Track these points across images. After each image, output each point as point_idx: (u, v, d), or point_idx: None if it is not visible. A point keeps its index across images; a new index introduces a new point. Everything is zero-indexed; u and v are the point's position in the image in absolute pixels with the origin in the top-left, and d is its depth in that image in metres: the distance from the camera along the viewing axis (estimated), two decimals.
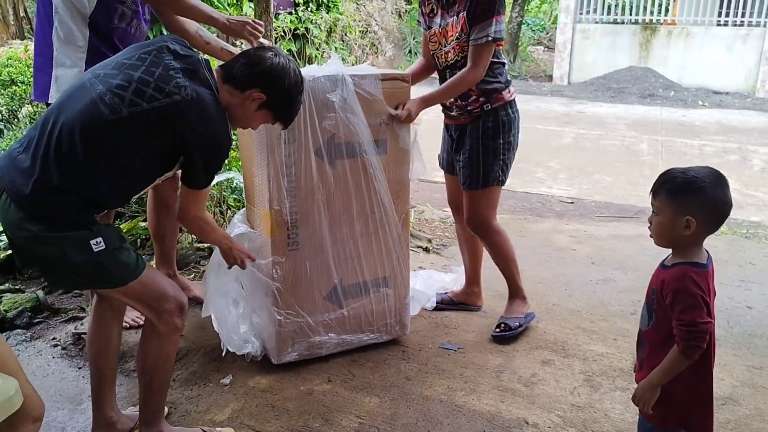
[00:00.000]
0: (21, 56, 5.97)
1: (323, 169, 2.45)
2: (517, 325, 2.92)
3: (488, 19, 2.58)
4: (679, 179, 1.62)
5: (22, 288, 3.27)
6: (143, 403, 2.08)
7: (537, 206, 5.17)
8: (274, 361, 2.59)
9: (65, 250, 1.77)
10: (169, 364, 2.07)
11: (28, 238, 1.77)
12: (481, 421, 2.32)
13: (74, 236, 1.78)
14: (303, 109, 2.30)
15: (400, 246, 2.69)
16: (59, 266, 1.82)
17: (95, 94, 1.77)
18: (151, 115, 1.77)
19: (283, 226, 2.43)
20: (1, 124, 5.65)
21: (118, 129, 1.76)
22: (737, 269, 3.80)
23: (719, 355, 2.75)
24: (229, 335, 2.59)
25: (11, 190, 1.76)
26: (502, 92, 2.76)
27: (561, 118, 9.03)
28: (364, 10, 11.88)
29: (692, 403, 1.69)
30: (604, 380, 2.58)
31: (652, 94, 10.98)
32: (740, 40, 11.32)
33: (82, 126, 1.75)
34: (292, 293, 2.52)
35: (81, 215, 1.81)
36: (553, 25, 15.69)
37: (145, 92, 1.77)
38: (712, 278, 1.64)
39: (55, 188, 1.74)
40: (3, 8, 14.59)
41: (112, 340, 2.11)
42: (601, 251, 4.08)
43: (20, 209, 1.75)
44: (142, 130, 1.79)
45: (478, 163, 2.80)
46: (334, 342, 2.66)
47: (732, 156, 6.87)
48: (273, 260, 2.45)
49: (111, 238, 1.83)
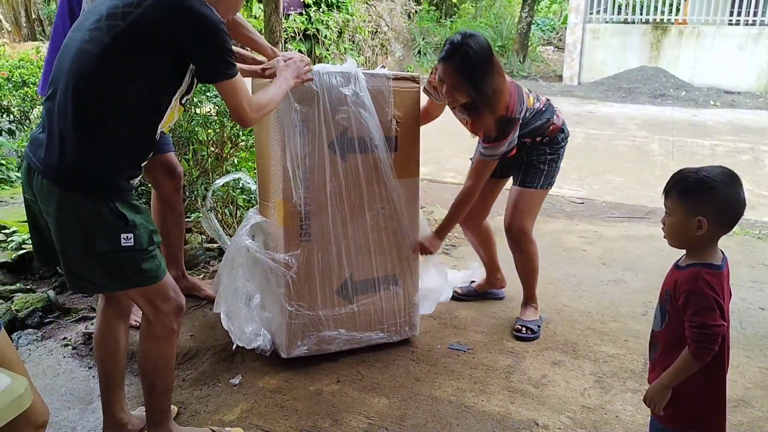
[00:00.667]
0: (33, 58, 6.02)
1: (336, 162, 2.48)
2: (537, 327, 2.95)
3: (497, 141, 2.61)
4: (691, 179, 1.61)
5: (33, 288, 3.29)
6: (148, 406, 2.08)
7: (547, 206, 5.14)
8: (283, 355, 2.59)
9: (95, 235, 1.76)
10: (170, 365, 2.05)
11: (63, 216, 1.76)
12: (490, 422, 2.30)
13: (108, 220, 1.76)
14: (317, 102, 2.38)
15: (410, 244, 2.71)
16: (83, 251, 1.79)
17: (78, 43, 1.76)
18: (133, 28, 1.72)
19: (296, 216, 2.46)
20: (13, 125, 5.70)
21: (109, 60, 1.72)
22: (750, 270, 3.76)
23: (732, 357, 2.73)
24: (241, 329, 2.60)
25: (43, 169, 1.75)
26: (552, 120, 2.81)
27: (571, 119, 8.95)
28: (374, 11, 11.89)
29: (704, 405, 1.67)
30: (615, 381, 2.56)
31: (663, 94, 10.92)
32: (752, 40, 11.23)
33: (79, 74, 1.73)
34: (303, 285, 2.54)
35: (115, 179, 1.79)
36: (563, 25, 15.62)
37: (117, 13, 1.73)
38: (726, 279, 1.63)
39: (81, 152, 1.73)
40: (15, 10, 14.71)
41: (120, 343, 2.10)
42: (612, 252, 4.06)
43: (54, 183, 1.74)
44: (132, 50, 1.73)
45: (540, 166, 2.86)
46: (344, 338, 2.66)
47: (744, 156, 6.82)
48: (286, 251, 2.47)
49: (141, 239, 1.81)
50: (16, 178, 5.10)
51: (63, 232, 1.79)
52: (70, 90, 1.73)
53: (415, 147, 2.66)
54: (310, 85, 2.36)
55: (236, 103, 1.90)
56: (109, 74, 1.74)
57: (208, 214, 2.89)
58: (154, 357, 2.00)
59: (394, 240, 2.67)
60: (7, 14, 14.53)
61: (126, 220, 1.78)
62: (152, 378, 2.02)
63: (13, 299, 3.08)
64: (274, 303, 2.58)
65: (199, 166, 3.67)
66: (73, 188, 1.74)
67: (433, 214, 4.66)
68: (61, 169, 1.73)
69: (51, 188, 1.75)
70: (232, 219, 3.66)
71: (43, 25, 15.49)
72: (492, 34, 14.23)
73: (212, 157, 3.68)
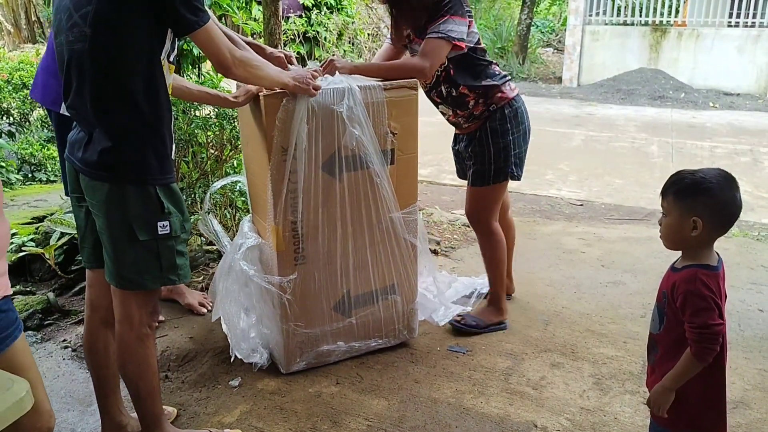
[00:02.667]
0: (32, 60, 6.03)
1: (330, 182, 2.42)
2: (473, 324, 2.95)
3: (441, 17, 2.55)
4: (687, 180, 1.62)
5: (33, 290, 3.29)
6: (138, 411, 2.08)
7: (546, 208, 5.15)
8: (282, 371, 2.60)
9: (136, 223, 1.84)
10: (151, 369, 2.03)
11: (109, 209, 1.84)
12: (489, 424, 2.31)
13: (148, 208, 1.85)
14: (310, 122, 2.29)
15: (408, 253, 2.67)
16: (128, 241, 1.86)
17: (65, 46, 1.82)
18: (103, 8, 1.74)
19: (290, 240, 2.42)
20: (13, 127, 5.71)
21: (100, 47, 1.77)
22: (748, 272, 3.77)
23: (731, 359, 2.74)
24: (238, 342, 2.60)
25: (84, 168, 1.84)
26: (502, 88, 2.75)
27: (570, 120, 8.99)
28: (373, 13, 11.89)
29: (705, 407, 1.68)
30: (614, 383, 2.57)
31: (662, 95, 10.91)
32: (751, 41, 11.23)
33: (83, 74, 1.79)
34: (300, 305, 2.51)
35: (153, 157, 1.85)
36: (563, 27, 15.63)
37: (81, 1, 1.77)
38: (723, 281, 1.63)
39: (113, 143, 1.81)
40: (15, 13, 14.73)
41: (108, 348, 2.11)
42: (611, 254, 4.06)
43: (96, 179, 1.83)
44: (114, 27, 1.76)
45: (489, 160, 2.79)
46: (343, 350, 2.66)
47: (743, 158, 6.82)
48: (281, 274, 2.44)
49: (175, 225, 1.91)
50: (16, 180, 5.10)
51: (110, 226, 1.87)
52: (86, 91, 1.80)
53: (413, 156, 2.58)
54: (302, 105, 2.26)
55: (215, 49, 1.89)
56: (107, 61, 1.79)
57: (207, 217, 2.89)
58: (135, 362, 2.00)
59: (391, 251, 2.63)
60: (8, 16, 14.55)
61: (163, 208, 1.87)
62: (135, 383, 2.02)
63: (12, 301, 3.08)
64: (271, 321, 2.56)
65: (198, 168, 3.67)
66: (116, 180, 1.83)
67: (432, 216, 4.67)
68: (99, 164, 1.82)
69: (94, 185, 1.84)
70: (231, 222, 3.67)
71: (43, 27, 15.51)
72: (491, 35, 14.23)
73: (212, 160, 3.68)
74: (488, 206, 2.89)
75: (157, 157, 1.87)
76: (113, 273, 1.91)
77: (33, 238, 3.44)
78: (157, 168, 1.87)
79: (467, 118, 2.80)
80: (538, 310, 3.23)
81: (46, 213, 3.91)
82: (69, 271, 3.38)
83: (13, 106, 5.69)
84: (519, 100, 2.82)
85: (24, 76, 5.68)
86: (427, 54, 2.57)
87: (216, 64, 1.94)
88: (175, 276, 1.97)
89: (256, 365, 2.60)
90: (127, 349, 1.99)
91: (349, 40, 10.95)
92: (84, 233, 2.03)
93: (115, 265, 1.90)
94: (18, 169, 5.25)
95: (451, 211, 4.84)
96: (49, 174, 5.33)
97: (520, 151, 2.83)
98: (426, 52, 2.58)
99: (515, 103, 2.79)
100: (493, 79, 2.75)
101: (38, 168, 5.38)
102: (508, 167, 2.80)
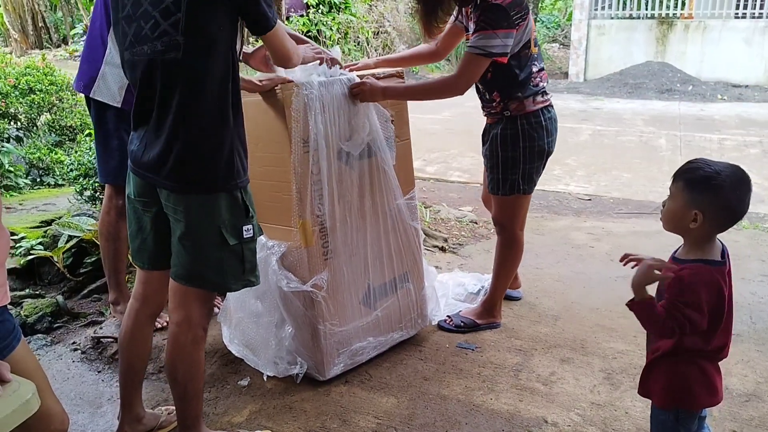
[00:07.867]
0: (39, 65, 6.05)
1: (346, 171, 2.44)
2: (460, 324, 2.95)
3: (483, 30, 2.45)
4: (701, 172, 1.59)
5: (42, 293, 3.31)
6: (180, 411, 2.05)
7: (554, 204, 5.13)
8: (320, 378, 2.51)
9: (221, 231, 1.84)
10: (201, 371, 2.04)
11: (194, 219, 1.83)
12: (499, 420, 2.30)
13: (235, 213, 1.86)
14: (321, 113, 2.32)
15: (415, 239, 2.71)
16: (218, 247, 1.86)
17: (149, 56, 1.76)
18: (194, 14, 1.72)
19: (318, 235, 2.40)
20: (21, 132, 5.74)
21: (190, 55, 1.74)
22: (759, 264, 3.73)
23: (742, 351, 2.72)
24: (269, 362, 2.52)
25: (167, 183, 1.82)
26: (524, 102, 2.64)
27: (578, 115, 8.96)
28: (376, 11, 11.88)
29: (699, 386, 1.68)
30: (625, 378, 2.55)
31: (669, 89, 10.87)
32: (759, 33, 11.16)
33: (173, 86, 1.76)
34: (333, 302, 2.47)
35: (234, 159, 1.84)
36: (568, 22, 15.57)
37: (168, 7, 1.72)
38: (729, 273, 1.62)
39: (202, 154, 1.80)
40: (22, 18, 14.81)
41: (147, 342, 2.12)
42: (620, 248, 4.03)
43: (184, 193, 1.82)
44: (205, 33, 1.74)
45: (497, 169, 2.76)
46: (372, 345, 2.63)
47: (752, 150, 6.77)
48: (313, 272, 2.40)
49: (255, 228, 1.94)
50: (24, 184, 5.13)
51: (198, 233, 1.85)
52: (174, 102, 1.76)
53: (408, 141, 2.68)
54: (312, 98, 2.27)
55: (283, 44, 1.92)
56: (200, 68, 1.76)
57: None
58: (187, 363, 1.99)
59: (402, 238, 2.66)
60: (15, 23, 14.63)
61: (248, 212, 1.89)
62: (184, 384, 2.00)
63: (22, 305, 3.10)
64: (304, 326, 2.48)
65: None
66: (208, 191, 1.82)
67: (439, 213, 4.66)
68: (189, 178, 1.80)
69: (182, 197, 1.82)
70: None
71: (50, 33, 15.59)
72: None
73: None
74: (513, 215, 2.85)
75: (240, 159, 1.87)
76: (192, 274, 1.89)
77: (41, 242, 3.45)
78: (241, 170, 1.87)
79: (487, 108, 2.79)
80: (547, 305, 3.21)
81: (54, 216, 3.92)
82: (77, 274, 3.39)
83: (21, 111, 5.71)
84: (539, 116, 2.68)
85: (31, 81, 5.70)
86: (464, 71, 2.52)
87: (281, 57, 1.96)
88: (254, 277, 1.97)
89: (298, 376, 2.51)
90: (182, 350, 1.97)
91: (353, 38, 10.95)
92: (145, 237, 1.99)
93: (196, 267, 1.88)
94: (26, 173, 5.28)
95: (459, 208, 4.83)
96: (57, 178, 5.35)
97: (530, 168, 2.72)
98: (463, 69, 2.53)
99: (533, 118, 2.67)
100: (522, 91, 2.63)
101: (46, 172, 5.41)
102: (514, 181, 2.74)
